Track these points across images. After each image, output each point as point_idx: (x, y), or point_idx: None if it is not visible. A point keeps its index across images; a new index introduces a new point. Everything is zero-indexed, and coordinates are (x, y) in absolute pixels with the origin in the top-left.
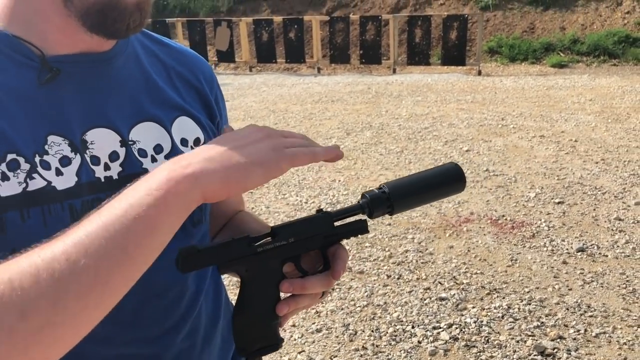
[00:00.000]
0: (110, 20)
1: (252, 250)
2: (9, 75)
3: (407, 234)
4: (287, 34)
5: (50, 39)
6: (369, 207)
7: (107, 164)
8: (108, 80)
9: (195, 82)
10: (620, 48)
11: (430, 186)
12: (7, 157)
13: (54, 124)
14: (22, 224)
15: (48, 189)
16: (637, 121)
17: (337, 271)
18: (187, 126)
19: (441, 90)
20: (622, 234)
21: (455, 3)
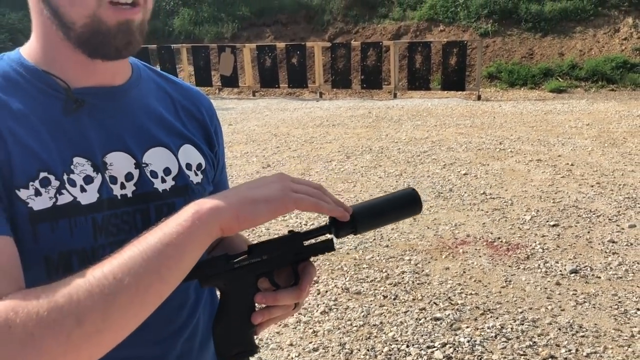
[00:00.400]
0: (98, 43)
1: (229, 267)
2: (39, 104)
3: (404, 256)
4: (290, 59)
5: (71, 73)
6: (335, 228)
7: (123, 183)
8: (124, 111)
9: (198, 115)
10: (618, 73)
11: (389, 209)
12: (40, 175)
13: (78, 147)
14: (51, 234)
15: (74, 203)
16: (633, 145)
17: (303, 285)
18: (191, 153)
19: (441, 115)
20: (615, 256)
21: (455, 30)
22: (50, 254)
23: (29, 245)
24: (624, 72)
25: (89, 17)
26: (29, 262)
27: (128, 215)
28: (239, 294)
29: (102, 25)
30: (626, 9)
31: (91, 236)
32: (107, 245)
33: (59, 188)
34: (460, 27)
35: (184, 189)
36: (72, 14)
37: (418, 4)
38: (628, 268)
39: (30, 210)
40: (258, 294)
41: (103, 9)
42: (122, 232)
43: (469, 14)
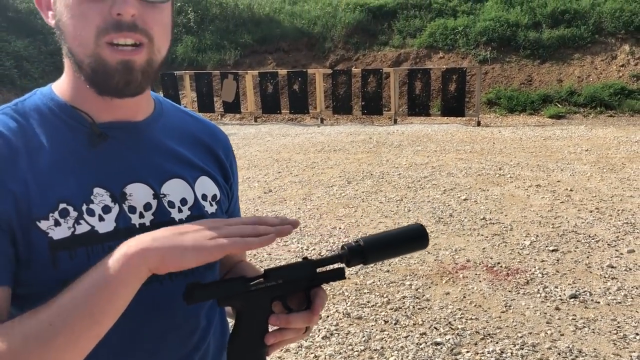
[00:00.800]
0: (101, 81)
1: (246, 288)
2: (65, 137)
3: (405, 281)
4: (292, 85)
5: (95, 108)
6: (346, 257)
7: (141, 212)
8: (144, 144)
9: (215, 150)
10: (616, 100)
11: (398, 242)
12: (60, 206)
13: (99, 178)
14: (70, 261)
15: (91, 232)
16: (632, 171)
17: (315, 308)
18: (207, 184)
19: (441, 140)
20: (614, 281)
21: (454, 57)
22: (68, 280)
23: (49, 271)
24: (622, 98)
25: (91, 56)
26: (49, 287)
27: None
28: (254, 315)
29: (103, 64)
30: (622, 36)
31: None
32: None
33: (77, 218)
34: (460, 54)
35: (199, 219)
36: (79, 53)
37: (417, 32)
38: (627, 293)
39: (50, 240)
40: (272, 315)
41: (101, 48)
42: None
43: (467, 41)
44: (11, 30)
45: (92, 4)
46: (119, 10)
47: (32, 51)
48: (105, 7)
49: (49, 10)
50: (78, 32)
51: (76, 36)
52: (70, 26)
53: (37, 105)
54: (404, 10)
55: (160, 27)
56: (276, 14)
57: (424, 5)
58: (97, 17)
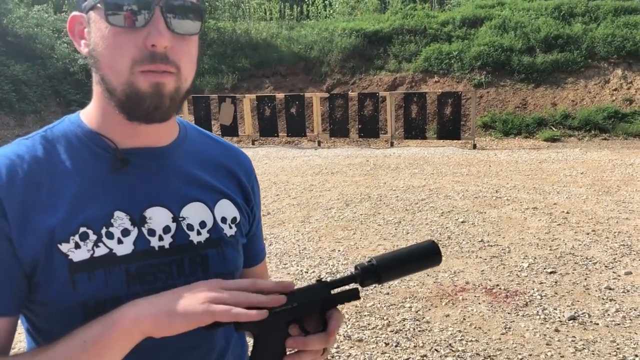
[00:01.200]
0: (132, 106)
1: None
2: (88, 162)
3: (405, 303)
4: (289, 109)
5: (119, 134)
6: (360, 278)
7: (161, 235)
8: (166, 169)
9: (237, 173)
10: (610, 123)
11: (412, 260)
12: (80, 230)
13: (120, 202)
14: (89, 283)
15: (110, 255)
16: (627, 194)
17: (331, 329)
18: (227, 207)
19: (437, 163)
20: (612, 302)
21: (449, 81)
22: (87, 301)
23: (68, 292)
24: (616, 121)
25: (125, 83)
26: (69, 308)
27: (165, 265)
28: (271, 338)
29: (136, 91)
30: (615, 61)
31: (124, 285)
32: (142, 292)
33: (96, 241)
34: (455, 78)
35: (217, 241)
36: (113, 81)
37: (413, 57)
38: (625, 315)
39: (70, 262)
40: (289, 338)
41: (135, 76)
42: (158, 280)
43: (462, 65)
44: (10, 55)
45: (128, 36)
46: (153, 42)
47: (31, 75)
48: (140, 38)
49: (81, 39)
50: (113, 62)
51: (111, 65)
52: (105, 56)
53: (65, 132)
54: (399, 35)
55: (188, 58)
56: (273, 38)
57: (418, 31)
58: (132, 48)
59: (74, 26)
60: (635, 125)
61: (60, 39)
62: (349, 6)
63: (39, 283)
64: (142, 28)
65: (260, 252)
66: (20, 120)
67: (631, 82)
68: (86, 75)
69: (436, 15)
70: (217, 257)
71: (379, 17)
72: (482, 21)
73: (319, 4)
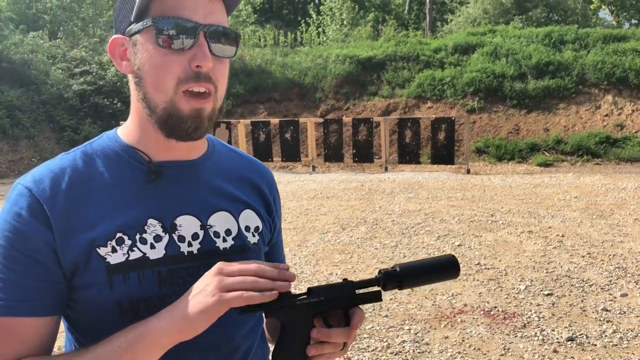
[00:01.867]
0: (173, 126)
1: (292, 303)
2: (124, 174)
3: (404, 325)
4: (284, 134)
5: (154, 149)
6: (383, 281)
7: (190, 242)
8: (195, 180)
9: (260, 185)
10: (602, 148)
11: (432, 271)
12: (116, 235)
13: (153, 210)
14: (124, 284)
15: (143, 259)
16: (621, 217)
17: (354, 324)
18: (251, 217)
19: (432, 188)
20: (609, 324)
21: (442, 106)
22: (122, 301)
23: (105, 292)
24: (607, 146)
25: (167, 102)
26: (105, 307)
27: (193, 269)
28: (298, 327)
29: (177, 111)
30: (605, 87)
31: (156, 286)
32: (172, 294)
33: (131, 246)
34: (448, 103)
35: (241, 248)
36: (156, 99)
37: (406, 83)
38: (622, 336)
39: (108, 264)
40: (314, 329)
41: (178, 96)
42: (187, 283)
43: (455, 91)
44: (5, 80)
45: (174, 57)
46: (199, 63)
47: (25, 101)
48: (185, 59)
49: (122, 60)
50: (159, 81)
51: (156, 84)
52: (151, 75)
53: (103, 147)
54: (392, 61)
55: (224, 78)
56: (268, 65)
57: (411, 57)
58: (178, 69)
59: (115, 48)
60: (627, 151)
61: (55, 65)
62: (342, 33)
63: (79, 284)
64: (188, 51)
65: (282, 261)
66: (13, 145)
67: (622, 108)
68: (80, 101)
69: (428, 43)
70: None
71: (372, 44)
72: (474, 48)
73: (312, 32)
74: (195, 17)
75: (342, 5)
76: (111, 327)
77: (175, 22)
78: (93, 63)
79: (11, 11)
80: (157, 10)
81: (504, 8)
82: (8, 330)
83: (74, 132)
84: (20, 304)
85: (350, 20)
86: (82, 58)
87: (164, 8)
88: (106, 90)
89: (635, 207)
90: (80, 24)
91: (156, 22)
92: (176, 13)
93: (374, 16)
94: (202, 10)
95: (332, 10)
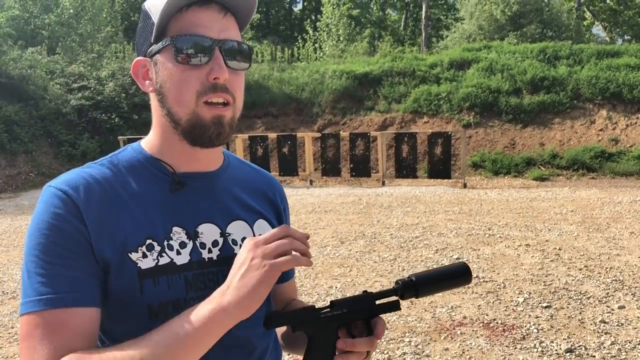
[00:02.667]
0: (199, 136)
1: (317, 316)
2: (151, 185)
3: (404, 337)
4: (281, 148)
5: (177, 160)
6: (401, 291)
7: (210, 248)
8: (214, 191)
9: (271, 196)
10: (597, 162)
11: (446, 278)
12: (147, 242)
13: (177, 219)
14: (154, 288)
15: (171, 264)
16: (617, 230)
17: (377, 334)
18: (264, 226)
19: (429, 202)
20: (607, 335)
21: (438, 121)
22: (152, 303)
23: (137, 295)
24: (602, 161)
25: (190, 114)
26: (136, 309)
27: (213, 274)
28: (324, 339)
29: (200, 120)
30: (600, 102)
31: (184, 290)
32: (196, 298)
33: (160, 252)
34: (444, 118)
35: None
36: (179, 112)
37: (402, 98)
38: (621, 347)
39: (139, 269)
40: (339, 340)
41: (200, 108)
42: (207, 288)
43: (451, 106)
44: (3, 96)
45: (193, 72)
46: (215, 75)
47: (23, 116)
48: (203, 73)
49: (145, 79)
50: (180, 95)
51: (178, 98)
52: (173, 91)
53: (128, 158)
54: (389, 77)
55: (240, 90)
56: (265, 80)
57: (407, 73)
58: (197, 82)
59: (138, 69)
60: (622, 165)
61: (53, 80)
62: (339, 49)
63: (110, 287)
64: (205, 65)
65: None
66: (11, 160)
67: (616, 122)
68: (78, 116)
69: (424, 58)
70: None
71: (369, 59)
72: (469, 63)
73: (309, 47)
74: (210, 34)
75: (338, 21)
76: (141, 328)
77: (192, 40)
78: (91, 78)
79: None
80: (174, 30)
81: (499, 24)
82: (59, 322)
83: (71, 147)
84: (69, 295)
85: (346, 36)
86: (81, 73)
87: (181, 27)
88: (104, 105)
89: (631, 220)
90: (78, 39)
91: (174, 41)
92: (193, 31)
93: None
94: (216, 27)
95: (329, 26)
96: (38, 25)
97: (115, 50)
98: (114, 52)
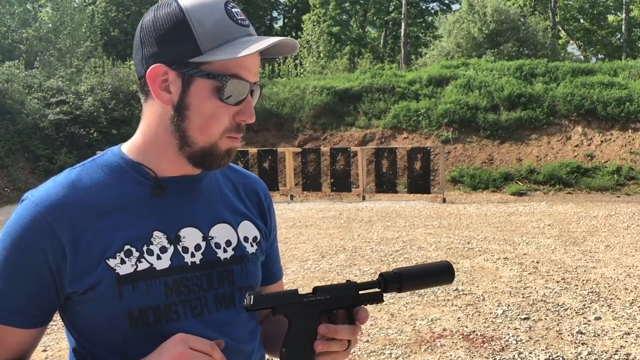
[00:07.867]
0: (208, 161)
1: (298, 300)
2: (130, 188)
3: (385, 350)
4: (262, 163)
5: (162, 167)
6: (384, 283)
7: (192, 252)
8: (196, 194)
9: (255, 197)
10: (573, 177)
11: (429, 275)
12: (124, 248)
13: (158, 223)
14: (133, 294)
15: (150, 269)
16: (593, 244)
17: (361, 317)
18: (249, 228)
19: (409, 216)
20: (584, 346)
21: (417, 137)
22: (131, 310)
23: (115, 301)
24: (579, 176)
25: (210, 143)
26: (116, 316)
27: (196, 278)
28: (304, 324)
29: (217, 150)
30: (575, 118)
31: (163, 295)
32: (178, 302)
33: (139, 257)
34: (423, 134)
35: (241, 258)
36: (197, 139)
37: (382, 114)
38: (597, 357)
39: (117, 275)
40: (321, 324)
41: (222, 140)
42: (191, 292)
43: (430, 122)
44: None
45: (224, 109)
46: (245, 119)
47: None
48: (232, 112)
49: (161, 89)
50: (208, 128)
51: (204, 129)
52: (200, 120)
53: (109, 162)
54: (369, 93)
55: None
56: None
57: (387, 89)
58: (226, 120)
59: (157, 76)
60: (597, 180)
61: (30, 95)
62: (319, 65)
63: (90, 295)
64: (236, 106)
65: (277, 271)
66: None
67: (591, 138)
68: (56, 130)
69: (404, 75)
70: (241, 272)
71: (349, 75)
72: (447, 80)
73: (290, 63)
74: (249, 77)
75: (319, 38)
76: (122, 334)
77: (237, 83)
78: (70, 93)
79: None
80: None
81: (477, 42)
82: None
83: (49, 162)
84: (11, 315)
85: (327, 52)
86: (59, 88)
87: (229, 64)
88: (83, 120)
89: (607, 234)
90: (57, 54)
91: (221, 80)
92: (239, 73)
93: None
94: (254, 70)
95: (309, 43)
96: (16, 39)
97: (95, 65)
98: (93, 66)
